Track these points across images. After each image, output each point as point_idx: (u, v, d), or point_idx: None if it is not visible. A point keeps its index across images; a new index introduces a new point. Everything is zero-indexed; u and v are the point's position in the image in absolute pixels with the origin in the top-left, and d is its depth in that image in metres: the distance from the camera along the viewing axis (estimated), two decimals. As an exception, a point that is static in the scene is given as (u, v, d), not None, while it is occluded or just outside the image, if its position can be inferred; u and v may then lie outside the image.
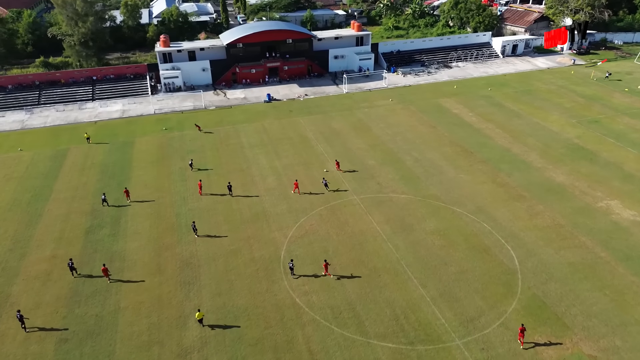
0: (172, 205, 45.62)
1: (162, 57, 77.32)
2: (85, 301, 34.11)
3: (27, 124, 65.62)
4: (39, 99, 72.61)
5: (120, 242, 40.51)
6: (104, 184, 49.66)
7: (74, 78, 76.34)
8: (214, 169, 52.25)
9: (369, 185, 48.59)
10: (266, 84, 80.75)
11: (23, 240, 40.79)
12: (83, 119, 67.28)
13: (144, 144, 59.09)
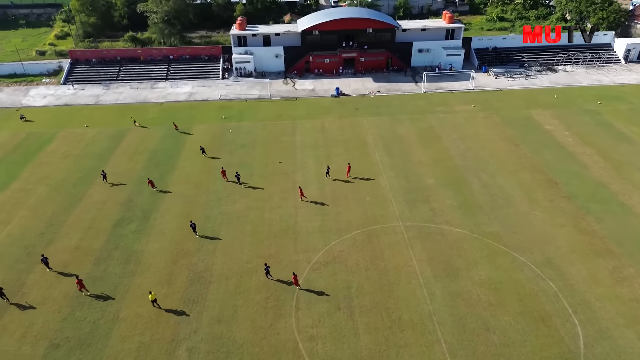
0: (204, 206, 43.41)
1: (236, 41, 75.55)
2: (89, 304, 33.00)
3: (101, 100, 67.76)
4: (118, 74, 74.88)
5: (142, 241, 39.13)
6: (148, 172, 48.88)
7: (153, 56, 77.60)
8: (256, 170, 49.12)
9: (420, 211, 42.31)
10: (339, 76, 75.71)
11: (56, 225, 41.12)
12: (151, 99, 67.93)
13: (199, 132, 57.75)
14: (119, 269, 36.04)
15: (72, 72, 74.77)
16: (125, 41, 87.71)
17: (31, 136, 56.94)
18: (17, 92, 70.50)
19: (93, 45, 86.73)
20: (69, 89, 71.19)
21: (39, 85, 72.96)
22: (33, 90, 70.77)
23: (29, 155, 52.61)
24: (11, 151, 53.51)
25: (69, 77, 73.80)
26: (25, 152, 53.32)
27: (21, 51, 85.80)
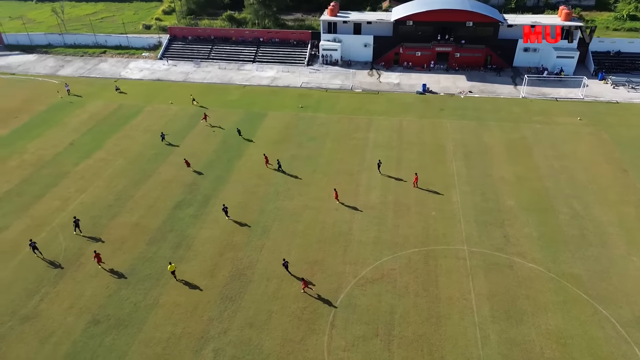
0: (262, 198, 42.61)
1: (326, 27, 73.50)
2: (135, 284, 33.81)
3: (189, 77, 69.95)
4: (209, 53, 76.83)
5: (196, 226, 39.36)
6: (217, 156, 49.33)
7: (244, 37, 78.40)
8: (320, 167, 47.21)
9: (491, 236, 37.68)
10: (429, 71, 70.65)
11: (123, 199, 42.88)
12: (236, 81, 68.68)
13: (274, 119, 57.12)
14: (169, 253, 36.53)
15: (169, 48, 78.15)
16: (223, 20, 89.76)
17: (122, 108, 60.35)
18: (119, 63, 75.39)
19: (193, 22, 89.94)
20: (163, 64, 74.56)
21: (139, 58, 77.35)
22: (133, 63, 75.19)
23: (116, 126, 55.74)
24: (102, 121, 57.09)
25: (165, 53, 77.28)
26: (114, 123, 56.57)
27: (130, 24, 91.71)
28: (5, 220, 40.22)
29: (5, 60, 76.89)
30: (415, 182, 43.61)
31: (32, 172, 46.82)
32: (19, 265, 35.42)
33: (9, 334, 29.92)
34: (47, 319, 31.04)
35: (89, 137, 53.42)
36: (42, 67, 74.03)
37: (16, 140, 52.70)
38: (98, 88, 66.34)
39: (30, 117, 58.02)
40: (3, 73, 71.75)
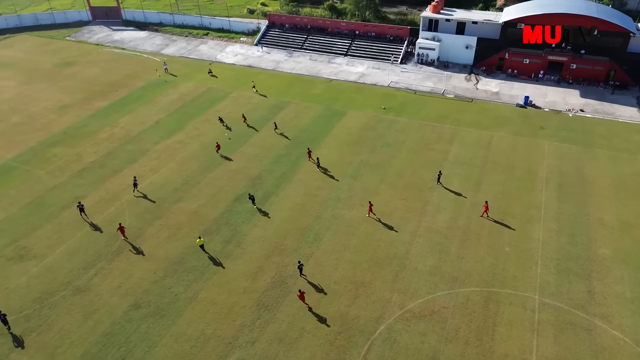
0: (321, 203, 40.85)
1: (426, 24, 68.80)
2: (180, 274, 34.10)
3: (279, 67, 69.84)
4: (303, 43, 76.08)
5: (250, 223, 38.80)
6: (287, 151, 48.43)
7: (340, 29, 76.38)
8: (389, 177, 44.10)
9: (571, 288, 32.23)
10: (536, 81, 63.07)
11: (190, 184, 43.67)
12: (323, 74, 67.15)
13: (352, 119, 54.75)
14: (219, 247, 36.39)
15: (266, 35, 78.82)
16: (324, 9, 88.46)
17: (209, 91, 61.96)
18: (217, 46, 77.71)
19: (294, 9, 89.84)
20: (258, 50, 75.38)
21: (236, 43, 79.05)
22: (230, 47, 77.04)
23: (200, 110, 57.28)
24: (188, 102, 59.05)
25: (261, 40, 78.07)
26: (199, 106, 58.19)
27: (236, 7, 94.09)
28: (84, 190, 43.02)
29: (120, 35, 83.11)
30: (484, 211, 38.82)
31: (117, 146, 49.70)
32: (85, 236, 37.59)
33: (60, 304, 31.74)
34: (96, 294, 32.45)
35: (173, 117, 55.50)
36: (149, 44, 78.82)
37: (112, 114, 56.43)
38: (193, 69, 68.88)
39: (129, 92, 61.87)
40: (116, 47, 77.58)
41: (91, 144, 50.25)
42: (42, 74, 67.52)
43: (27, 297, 32.22)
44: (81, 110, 57.16)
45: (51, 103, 59.14)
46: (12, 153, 48.60)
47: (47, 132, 52.45)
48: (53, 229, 38.38)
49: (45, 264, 34.92)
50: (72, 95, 61.11)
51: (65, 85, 63.73)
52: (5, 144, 50.18)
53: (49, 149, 49.24)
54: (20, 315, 30.86)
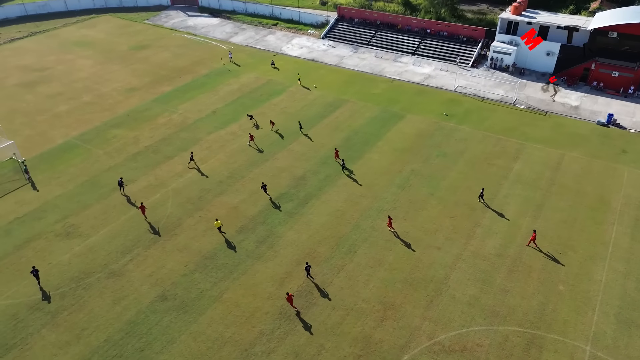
0: (361, 213, 39.01)
1: (504, 26, 63.69)
2: (210, 270, 33.99)
3: (342, 63, 68.06)
4: (370, 39, 73.59)
5: (287, 225, 37.90)
6: (331, 153, 46.78)
7: (410, 26, 72.95)
8: (440, 191, 41.19)
9: (632, 343, 28.16)
10: (625, 98, 56.29)
11: (234, 178, 43.54)
12: (387, 73, 64.48)
13: (409, 123, 51.97)
14: (252, 247, 35.89)
15: (334, 29, 77.19)
16: (398, 4, 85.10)
17: (269, 84, 61.67)
18: (284, 37, 77.32)
19: (367, 3, 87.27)
20: (323, 44, 74.01)
21: (304, 35, 78.16)
22: (296, 39, 76.34)
23: (257, 102, 57.12)
24: (247, 94, 59.14)
25: (328, 33, 76.56)
26: (256, 98, 58.06)
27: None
28: (135, 173, 44.33)
29: (194, 21, 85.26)
30: (531, 239, 34.99)
31: (173, 133, 50.80)
32: (127, 220, 38.67)
33: (94, 285, 32.80)
34: (128, 280, 33.18)
35: (230, 108, 55.81)
36: (220, 31, 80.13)
37: (173, 99, 57.86)
38: (257, 60, 68.99)
39: (192, 79, 63.15)
40: (188, 33, 79.66)
41: (149, 128, 51.79)
42: (117, 55, 70.82)
43: (66, 274, 33.65)
44: (146, 94, 59.16)
45: (121, 85, 61.79)
46: (78, 131, 51.27)
47: (112, 113, 54.81)
48: (101, 209, 39.88)
49: (87, 243, 36.32)
50: (141, 78, 63.45)
51: (136, 68, 66.35)
52: (73, 122, 53.07)
53: (111, 130, 51.39)
54: (57, 292, 32.26)
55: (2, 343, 28.80)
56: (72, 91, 60.00)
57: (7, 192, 42.02)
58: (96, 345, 28.71)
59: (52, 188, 42.43)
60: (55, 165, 45.50)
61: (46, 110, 55.61)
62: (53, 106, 56.40)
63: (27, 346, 28.63)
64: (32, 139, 49.99)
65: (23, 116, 54.34)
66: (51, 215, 39.18)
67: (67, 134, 50.75)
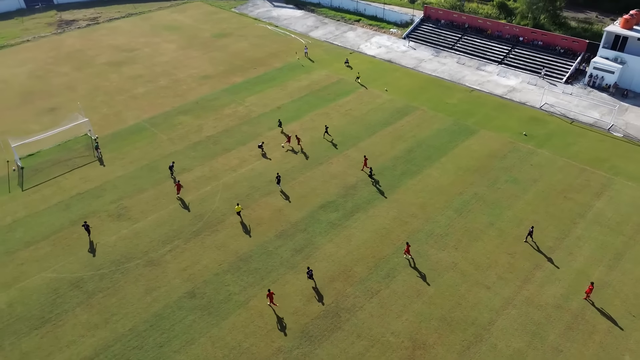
0: (409, 234, 36.27)
1: (610, 40, 56.22)
2: (242, 273, 33.40)
3: (420, 66, 64.33)
4: (455, 43, 68.85)
5: (327, 237, 36.24)
6: (393, 164, 44.20)
7: (501, 32, 67.09)
8: (502, 223, 37.10)
9: None
10: None
11: (285, 179, 42.41)
12: (466, 82, 59.87)
13: (481, 140, 47.68)
14: (288, 255, 34.79)
15: (417, 29, 73.31)
16: (493, 6, 78.96)
17: (339, 83, 59.88)
18: (364, 35, 74.87)
19: (459, 3, 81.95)
20: (404, 44, 70.58)
21: (385, 33, 75.13)
22: (376, 38, 73.58)
23: (323, 101, 55.63)
24: (315, 92, 57.84)
25: (411, 34, 72.85)
26: (323, 97, 56.56)
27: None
28: (193, 162, 45.02)
29: (278, 12, 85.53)
30: (588, 293, 30.15)
31: (235, 125, 51.02)
32: (175, 210, 39.28)
33: (131, 271, 33.60)
34: (162, 271, 33.60)
35: (295, 105, 54.95)
36: (301, 24, 79.58)
37: (242, 91, 58.22)
38: (332, 56, 67.46)
39: (265, 72, 63.16)
40: (270, 24, 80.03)
41: (214, 118, 52.48)
42: (199, 42, 72.92)
43: (109, 256, 34.86)
44: (218, 83, 60.13)
45: (197, 71, 63.44)
46: (149, 114, 53.29)
47: (182, 99, 56.35)
48: (154, 195, 40.95)
49: (134, 228, 37.41)
50: (216, 66, 64.69)
51: (213, 56, 67.81)
52: (146, 105, 55.30)
53: (179, 116, 52.81)
54: (97, 272, 33.49)
55: (39, 315, 30.42)
56: (152, 74, 62.65)
57: (75, 167, 44.63)
58: (121, 332, 29.33)
59: (115, 168, 44.39)
60: (122, 146, 47.60)
61: (125, 90, 58.55)
62: (132, 87, 59.25)
63: (60, 322, 29.98)
64: (108, 117, 52.81)
65: (104, 94, 57.66)
66: (109, 195, 40.95)
67: (139, 116, 52.95)
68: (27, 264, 34.06)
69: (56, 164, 44.92)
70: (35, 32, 76.68)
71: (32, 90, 58.68)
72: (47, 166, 44.68)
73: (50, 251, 35.24)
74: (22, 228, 37.38)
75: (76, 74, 62.74)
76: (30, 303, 31.20)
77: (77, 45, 71.68)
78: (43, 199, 40.44)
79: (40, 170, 44.16)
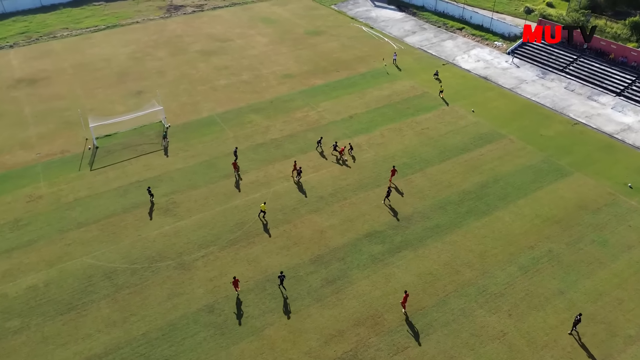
0: (457, 286, 31.81)
1: None
2: (265, 295, 31.63)
3: (520, 87, 57.03)
4: (568, 65, 60.13)
5: (364, 272, 33.10)
6: (460, 198, 39.40)
7: (627, 58, 57.14)
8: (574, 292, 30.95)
9: None
10: None
11: (336, 196, 39.80)
12: (570, 112, 51.65)
13: (572, 185, 40.74)
14: (317, 284, 32.36)
15: (526, 45, 65.41)
16: (624, 26, 68.00)
17: (423, 97, 55.25)
18: (464, 45, 68.55)
19: (583, 19, 71.86)
20: (506, 61, 63.36)
21: (488, 46, 68.14)
22: (477, 50, 67.03)
23: (399, 115, 51.48)
24: (394, 103, 53.78)
25: (517, 49, 65.22)
26: (401, 111, 52.30)
27: (515, 2, 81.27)
28: (249, 165, 44.03)
29: (378, 12, 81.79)
30: None
31: (301, 131, 49.23)
32: (220, 213, 38.59)
33: (162, 272, 33.47)
34: (190, 277, 33.02)
35: (369, 116, 51.65)
36: (398, 28, 75.29)
37: (319, 94, 56.13)
38: (423, 66, 62.68)
39: (347, 76, 60.46)
40: (366, 25, 76.72)
41: (283, 120, 51.18)
42: (291, 37, 72.13)
43: (146, 251, 35.12)
44: (297, 84, 58.75)
45: (280, 69, 62.67)
46: (224, 108, 53.52)
47: (259, 97, 55.86)
48: (204, 194, 40.72)
49: (177, 226, 37.42)
50: (301, 66, 63.36)
51: (300, 54, 66.59)
52: (224, 98, 55.67)
53: (250, 114, 52.32)
54: (131, 266, 33.87)
55: (68, 301, 31.40)
56: (237, 67, 63.09)
57: (143, 153, 46.05)
58: (134, 336, 29.17)
59: (176, 160, 45.04)
60: (189, 138, 48.24)
61: (208, 81, 59.57)
62: (215, 78, 60.13)
63: (85, 312, 30.66)
64: (185, 107, 54.01)
65: (188, 83, 59.17)
66: (164, 186, 41.52)
67: (214, 109, 53.42)
68: (73, 246, 35.54)
69: (127, 148, 46.76)
70: (146, 15, 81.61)
71: (128, 71, 62.14)
72: (119, 149, 46.70)
73: (97, 235, 36.47)
74: (80, 207, 39.24)
75: (169, 59, 65.34)
76: (64, 286, 32.38)
77: (178, 30, 74.84)
78: (106, 181, 42.19)
79: (112, 152, 46.28)
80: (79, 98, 55.75)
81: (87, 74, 61.26)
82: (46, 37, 72.62)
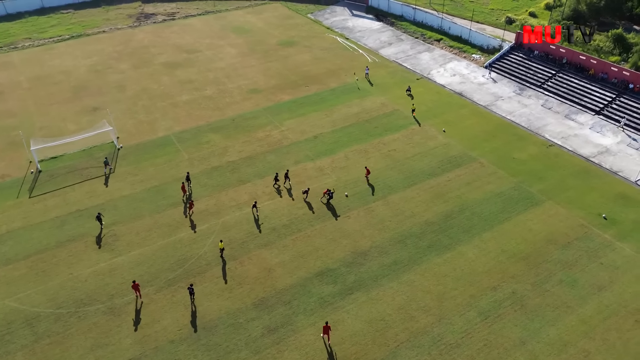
0: (411, 335, 29.03)
1: None
2: (198, 347, 28.71)
3: (495, 105, 54.39)
4: (546, 80, 57.63)
5: (310, 318, 30.30)
6: (422, 230, 36.69)
7: (606, 74, 54.67)
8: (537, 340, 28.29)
9: None
10: None
11: (290, 228, 37.08)
12: (545, 133, 49.08)
13: (542, 216, 38.11)
14: (257, 333, 29.45)
15: (504, 58, 62.89)
16: (607, 39, 65.69)
17: (393, 115, 52.49)
18: (440, 58, 65.92)
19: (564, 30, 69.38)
20: (483, 75, 60.81)
21: (465, 59, 65.57)
22: (453, 63, 64.39)
23: (367, 136, 48.63)
24: (362, 122, 50.91)
25: (494, 63, 62.67)
26: (369, 131, 49.45)
27: (498, 12, 78.77)
28: (201, 192, 41.06)
29: (355, 22, 78.98)
30: None
31: (261, 152, 46.36)
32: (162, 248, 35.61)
33: (88, 317, 30.45)
34: (118, 325, 30.03)
35: (335, 136, 48.86)
36: (374, 39, 72.52)
37: (284, 112, 53.26)
38: (396, 80, 59.98)
39: (317, 91, 57.67)
40: (341, 35, 73.87)
41: (243, 140, 48.28)
42: (262, 48, 69.21)
43: (75, 293, 32.14)
44: (263, 100, 55.87)
45: (247, 83, 59.77)
46: (182, 127, 50.55)
47: (221, 114, 52.95)
48: (148, 225, 37.79)
49: (113, 262, 34.48)
50: (268, 80, 60.48)
51: (269, 67, 63.72)
52: (184, 115, 52.71)
53: (209, 133, 49.38)
54: (56, 311, 30.88)
55: (-21, 353, 28.47)
56: (202, 81, 60.17)
57: (88, 177, 43.03)
58: (46, 395, 26.30)
59: (123, 185, 42.08)
60: (141, 160, 45.30)
61: (169, 96, 56.59)
62: (177, 94, 57.18)
63: (-5, 366, 27.75)
64: (141, 125, 51.03)
65: (148, 99, 56.14)
66: (106, 216, 38.40)
67: (171, 128, 50.45)
68: (-3, 286, 32.60)
69: (72, 172, 43.76)
70: (114, 24, 78.51)
71: (87, 85, 59.10)
72: (63, 172, 43.69)
73: (24, 274, 33.47)
74: (11, 241, 36.21)
75: (132, 72, 62.34)
76: (-23, 335, 29.45)
77: (145, 41, 71.83)
78: (44, 211, 39.18)
79: (55, 176, 43.25)
80: (31, 115, 52.79)
81: (43, 88, 58.28)
82: (6, 47, 69.54)
